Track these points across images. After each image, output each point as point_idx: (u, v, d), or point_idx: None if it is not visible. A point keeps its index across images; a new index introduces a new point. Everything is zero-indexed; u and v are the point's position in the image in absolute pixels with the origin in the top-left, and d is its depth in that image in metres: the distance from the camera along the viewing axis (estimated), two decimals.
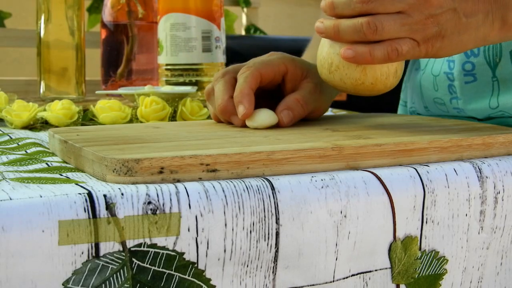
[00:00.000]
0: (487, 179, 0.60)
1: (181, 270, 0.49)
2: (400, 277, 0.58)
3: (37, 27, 1.09)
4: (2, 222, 0.45)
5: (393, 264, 0.57)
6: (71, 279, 0.46)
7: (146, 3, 1.16)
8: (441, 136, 0.63)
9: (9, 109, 0.85)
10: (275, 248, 0.52)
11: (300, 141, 0.60)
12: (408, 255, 0.58)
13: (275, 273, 0.53)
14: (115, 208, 0.48)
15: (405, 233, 0.57)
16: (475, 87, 0.84)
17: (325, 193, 0.54)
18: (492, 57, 0.81)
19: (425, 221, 0.58)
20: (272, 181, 0.53)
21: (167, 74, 1.06)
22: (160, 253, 0.49)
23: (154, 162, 0.52)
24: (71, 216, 0.46)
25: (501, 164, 0.62)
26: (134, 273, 0.48)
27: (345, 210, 0.55)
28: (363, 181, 0.56)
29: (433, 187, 0.58)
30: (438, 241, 0.59)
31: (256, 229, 0.52)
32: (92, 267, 0.47)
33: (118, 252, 0.48)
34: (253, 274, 0.52)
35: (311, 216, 0.53)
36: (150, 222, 0.48)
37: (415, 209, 0.57)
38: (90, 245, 0.47)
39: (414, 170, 0.58)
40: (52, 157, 0.64)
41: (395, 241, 0.57)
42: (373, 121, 0.76)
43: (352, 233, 0.55)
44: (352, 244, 0.55)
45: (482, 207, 0.60)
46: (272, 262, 0.53)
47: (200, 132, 0.68)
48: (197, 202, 0.50)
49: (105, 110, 0.85)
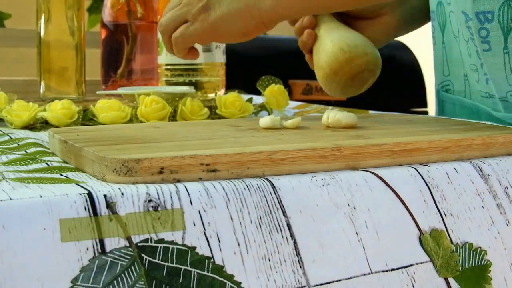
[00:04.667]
0: (489, 176, 0.60)
1: (197, 266, 0.48)
2: (445, 270, 0.56)
3: (37, 27, 1.09)
4: (2, 222, 0.45)
5: (432, 258, 0.56)
6: (79, 276, 0.45)
7: (146, 3, 1.16)
8: (441, 136, 0.63)
9: (9, 109, 0.85)
10: (292, 240, 0.51)
11: (300, 141, 0.60)
12: (443, 248, 0.56)
13: (303, 268, 0.51)
14: (115, 207, 0.48)
15: (429, 226, 0.56)
16: (492, 57, 0.82)
17: (327, 189, 0.54)
18: (507, 21, 0.79)
19: (444, 215, 0.57)
20: (272, 180, 0.53)
21: (167, 74, 1.07)
22: (170, 248, 0.48)
23: (154, 162, 0.52)
24: (71, 214, 0.46)
25: (501, 164, 0.62)
26: (147, 269, 0.47)
27: (352, 203, 0.54)
28: (364, 179, 0.56)
29: (436, 183, 0.58)
30: (466, 233, 0.58)
31: (265, 222, 0.51)
32: (100, 263, 0.46)
33: (125, 248, 0.47)
34: (279, 269, 0.50)
35: (318, 208, 0.53)
36: (153, 218, 0.48)
37: (426, 203, 0.57)
38: (94, 241, 0.46)
39: (414, 169, 0.58)
40: (52, 157, 0.64)
41: (422, 234, 0.56)
42: (373, 121, 0.76)
43: (370, 224, 0.54)
44: (375, 235, 0.54)
45: (497, 201, 0.59)
46: (295, 256, 0.51)
47: (200, 132, 0.68)
48: (198, 199, 0.50)
49: (105, 110, 0.85)
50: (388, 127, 0.71)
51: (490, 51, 0.81)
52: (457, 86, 0.93)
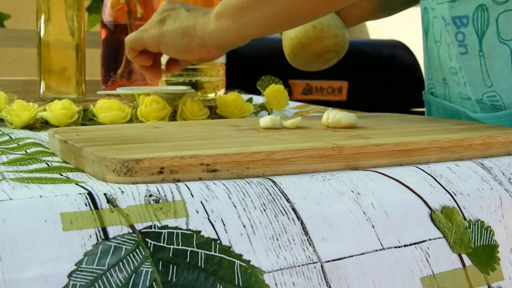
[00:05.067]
0: (491, 169, 0.60)
1: (204, 247, 0.47)
2: (458, 246, 0.56)
3: (37, 27, 1.09)
4: (3, 217, 0.44)
5: (445, 234, 0.55)
6: (83, 260, 0.45)
7: (146, 3, 1.16)
8: (441, 136, 0.63)
9: (9, 109, 0.85)
10: (299, 221, 0.51)
11: (300, 141, 0.60)
12: (456, 225, 0.56)
13: (313, 246, 0.51)
14: (116, 202, 0.48)
15: (440, 204, 0.56)
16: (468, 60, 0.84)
17: (329, 183, 0.54)
18: (481, 25, 0.82)
19: (453, 193, 0.57)
20: (272, 179, 0.53)
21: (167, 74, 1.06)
22: (175, 232, 0.47)
23: (154, 162, 0.52)
24: (72, 209, 0.46)
25: (502, 160, 0.62)
26: (152, 251, 0.46)
27: (356, 190, 0.54)
28: (365, 175, 0.56)
29: (438, 174, 0.57)
30: (478, 211, 0.57)
31: (270, 207, 0.50)
32: (104, 248, 0.45)
33: (128, 234, 0.46)
34: (289, 247, 0.50)
35: (322, 195, 0.52)
36: (155, 208, 0.48)
37: (432, 186, 0.56)
38: (97, 229, 0.46)
39: (415, 167, 0.58)
40: (52, 157, 0.64)
41: (433, 212, 0.55)
42: (373, 121, 0.76)
43: (376, 205, 0.53)
44: (383, 214, 0.53)
45: (504, 187, 0.59)
46: (303, 235, 0.51)
47: (200, 132, 0.68)
48: (199, 192, 0.50)
49: (105, 110, 0.85)
50: (388, 127, 0.71)
51: (466, 54, 0.84)
52: (438, 89, 0.95)
